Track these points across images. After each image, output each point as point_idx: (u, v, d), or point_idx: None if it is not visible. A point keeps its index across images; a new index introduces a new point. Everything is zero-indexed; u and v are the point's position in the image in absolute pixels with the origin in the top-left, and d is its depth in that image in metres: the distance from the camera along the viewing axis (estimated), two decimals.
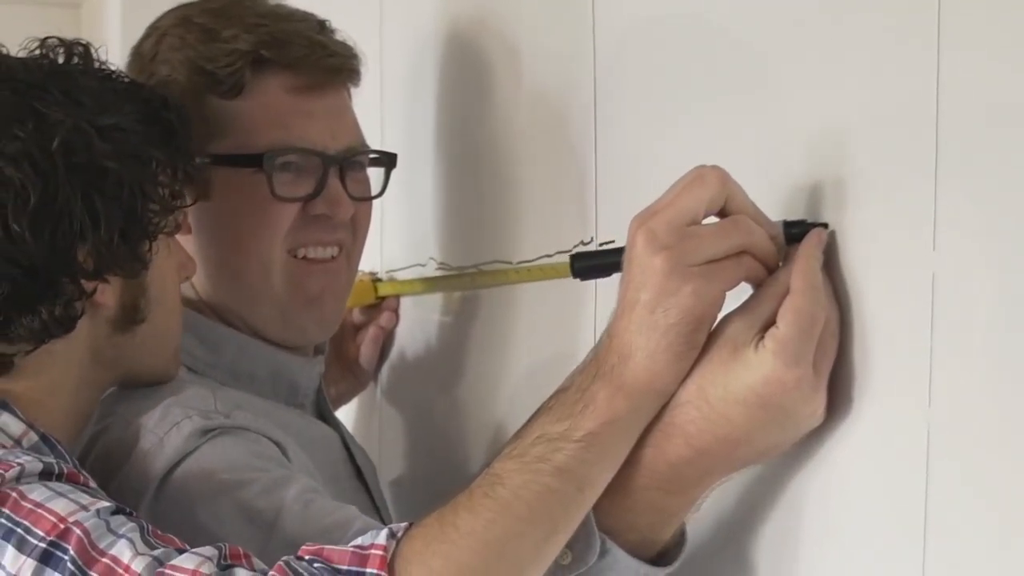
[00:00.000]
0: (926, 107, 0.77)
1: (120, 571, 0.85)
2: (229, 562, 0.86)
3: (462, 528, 0.82)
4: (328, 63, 1.24)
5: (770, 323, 0.82)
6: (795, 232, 0.86)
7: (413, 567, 0.82)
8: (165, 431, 1.06)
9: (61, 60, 1.06)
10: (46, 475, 0.93)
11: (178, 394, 1.09)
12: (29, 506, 0.89)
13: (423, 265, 1.44)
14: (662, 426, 0.85)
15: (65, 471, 0.94)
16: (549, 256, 1.22)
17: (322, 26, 1.26)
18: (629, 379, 0.83)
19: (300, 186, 1.22)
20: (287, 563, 0.83)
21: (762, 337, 0.82)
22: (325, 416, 1.34)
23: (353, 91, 1.29)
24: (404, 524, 0.85)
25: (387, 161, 1.33)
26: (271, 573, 0.82)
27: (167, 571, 0.85)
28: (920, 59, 0.78)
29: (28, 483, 0.91)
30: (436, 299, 1.43)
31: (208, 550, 0.86)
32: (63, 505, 0.89)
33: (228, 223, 1.22)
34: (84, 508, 0.89)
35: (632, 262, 0.83)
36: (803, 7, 0.90)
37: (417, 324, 1.47)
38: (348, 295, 1.32)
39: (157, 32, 1.25)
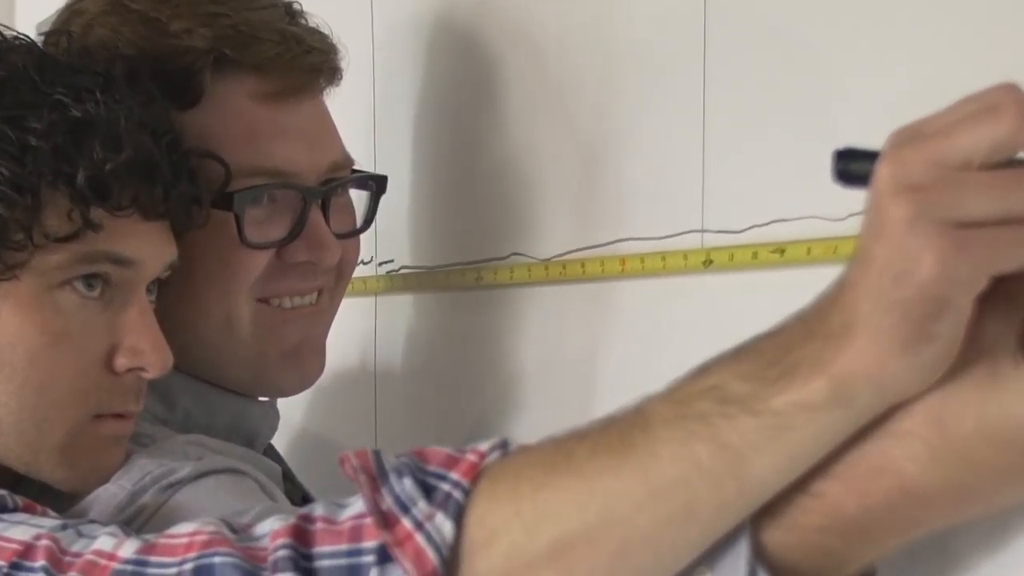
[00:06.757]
0: None
1: (104, 562, 0.74)
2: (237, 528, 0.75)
3: (574, 461, 0.65)
4: (305, 62, 1.02)
5: None
6: None
7: (501, 484, 0.67)
8: (135, 481, 0.91)
9: None
10: None
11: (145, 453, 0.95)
12: None
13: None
14: (868, 457, 0.62)
15: (20, 503, 0.84)
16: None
17: (290, 11, 1.05)
18: (843, 358, 0.59)
19: (274, 226, 1.02)
20: (376, 451, 0.70)
21: None
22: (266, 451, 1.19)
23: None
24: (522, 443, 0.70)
25: (376, 185, 1.12)
26: (356, 456, 0.70)
27: (161, 540, 0.74)
28: None
29: None
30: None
31: (213, 520, 0.75)
32: (22, 531, 0.78)
33: (180, 267, 0.96)
34: (48, 528, 0.79)
35: (872, 196, 0.59)
36: None
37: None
38: (325, 341, 1.11)
39: (81, 19, 1.01)
